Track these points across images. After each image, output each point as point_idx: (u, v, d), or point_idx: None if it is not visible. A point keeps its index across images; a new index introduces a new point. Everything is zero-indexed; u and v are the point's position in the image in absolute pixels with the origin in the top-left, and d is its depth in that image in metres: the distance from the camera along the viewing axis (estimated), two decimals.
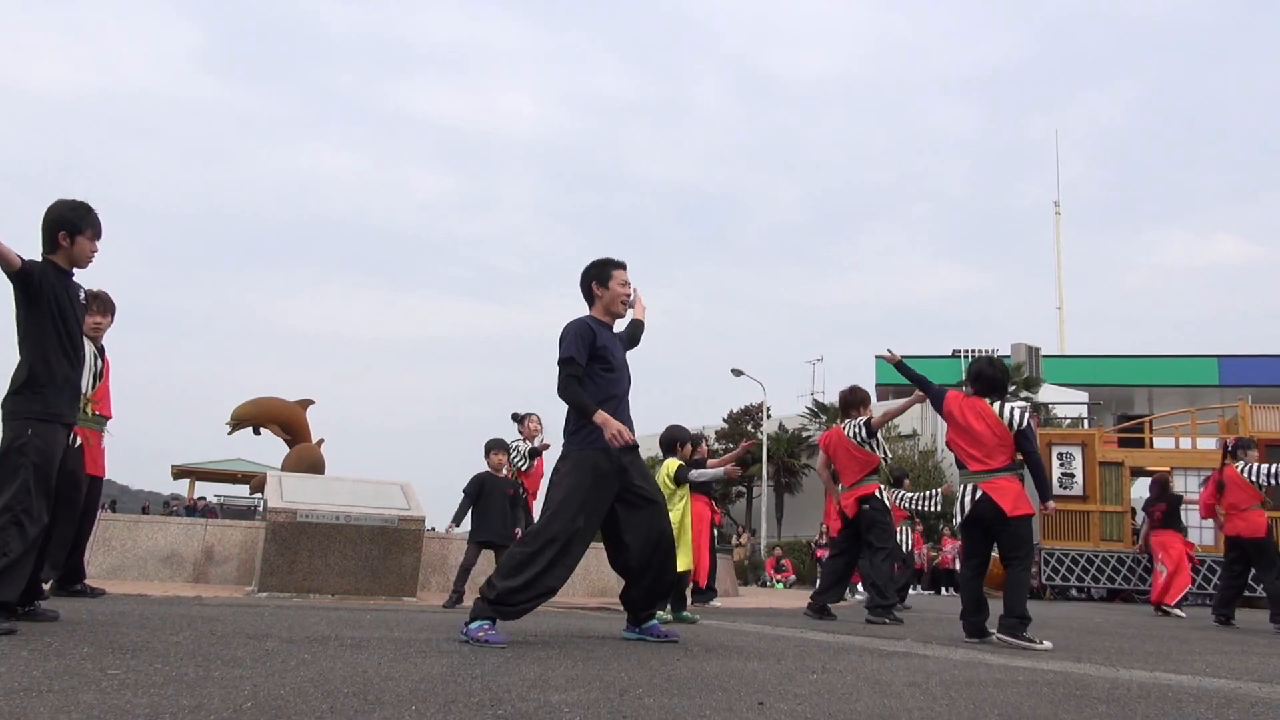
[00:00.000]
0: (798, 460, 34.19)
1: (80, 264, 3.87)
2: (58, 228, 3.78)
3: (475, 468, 7.11)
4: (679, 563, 5.25)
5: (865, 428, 6.88)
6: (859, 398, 7.15)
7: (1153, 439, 18.62)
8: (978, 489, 5.14)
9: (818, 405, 34.72)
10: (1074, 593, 16.33)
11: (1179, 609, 10.15)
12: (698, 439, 7.42)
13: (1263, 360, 32.41)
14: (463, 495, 6.84)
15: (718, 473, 7.38)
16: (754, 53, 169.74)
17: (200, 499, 28.23)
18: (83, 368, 4.07)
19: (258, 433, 13.77)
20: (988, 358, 5.65)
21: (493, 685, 2.60)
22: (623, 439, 3.99)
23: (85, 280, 4.11)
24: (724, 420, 36.36)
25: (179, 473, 27.10)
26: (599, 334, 4.25)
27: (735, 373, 30.20)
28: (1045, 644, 4.82)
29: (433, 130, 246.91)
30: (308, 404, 14.09)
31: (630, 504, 4.16)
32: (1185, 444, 18.07)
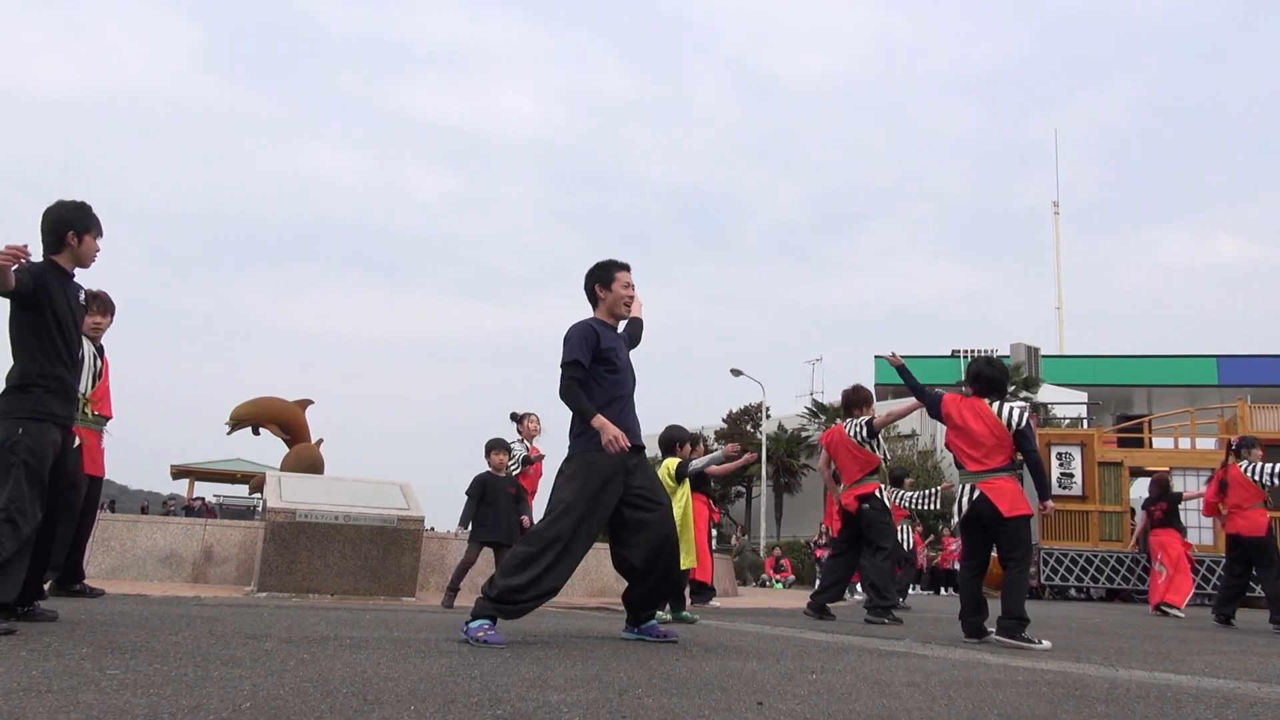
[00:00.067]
0: (797, 460, 34.25)
1: (86, 264, 3.92)
2: (67, 228, 3.81)
3: (475, 468, 7.10)
4: (682, 561, 5.24)
5: (866, 428, 6.88)
6: (861, 397, 7.14)
7: (1152, 439, 18.65)
8: (975, 489, 5.14)
9: (817, 405, 34.77)
10: (1073, 593, 16.36)
11: (1180, 611, 10.13)
12: (696, 439, 7.42)
13: (1262, 360, 32.47)
14: (466, 497, 6.82)
15: (716, 454, 7.37)
16: (754, 53, 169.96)
17: (198, 499, 28.24)
18: (80, 368, 4.08)
19: (257, 433, 13.75)
20: (987, 358, 5.65)
21: (492, 685, 2.60)
22: (619, 445, 3.99)
23: (85, 280, 4.12)
24: (723, 420, 36.42)
25: (178, 473, 27.10)
26: (603, 336, 4.24)
27: (735, 373, 30.23)
28: (1044, 644, 4.83)
29: (433, 130, 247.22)
30: (307, 404, 14.07)
31: (636, 506, 4.14)
32: (1184, 444, 18.10)
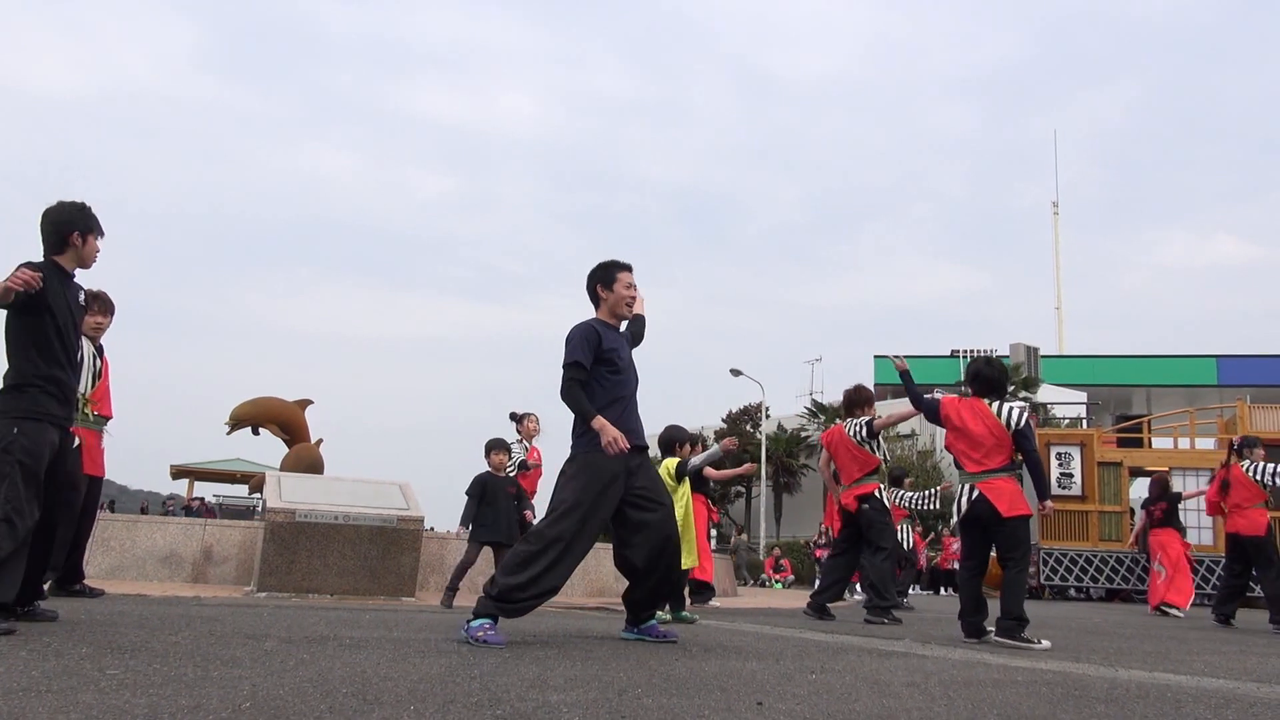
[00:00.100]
0: (796, 460, 34.26)
1: (88, 264, 3.94)
2: (70, 229, 3.82)
3: (475, 468, 7.10)
4: (683, 560, 5.24)
5: (866, 428, 6.87)
6: (863, 397, 7.14)
7: (1151, 439, 18.65)
8: (974, 489, 5.14)
9: (816, 405, 34.80)
10: (1073, 593, 16.36)
11: (1180, 611, 10.13)
12: (696, 439, 7.41)
13: (1262, 360, 32.49)
14: (467, 498, 6.82)
15: (714, 450, 7.36)
16: (754, 53, 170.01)
17: (198, 499, 28.23)
18: (78, 369, 4.08)
19: (256, 433, 13.74)
20: (986, 358, 5.65)
21: (491, 685, 2.60)
22: (619, 446, 3.99)
23: (85, 280, 4.12)
24: (723, 420, 36.45)
25: (178, 473, 27.09)
26: (605, 337, 4.24)
27: (734, 373, 30.23)
28: (1044, 644, 4.83)
29: (432, 130, 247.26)
30: (306, 404, 14.06)
31: (638, 506, 4.14)
32: (1184, 444, 18.10)
